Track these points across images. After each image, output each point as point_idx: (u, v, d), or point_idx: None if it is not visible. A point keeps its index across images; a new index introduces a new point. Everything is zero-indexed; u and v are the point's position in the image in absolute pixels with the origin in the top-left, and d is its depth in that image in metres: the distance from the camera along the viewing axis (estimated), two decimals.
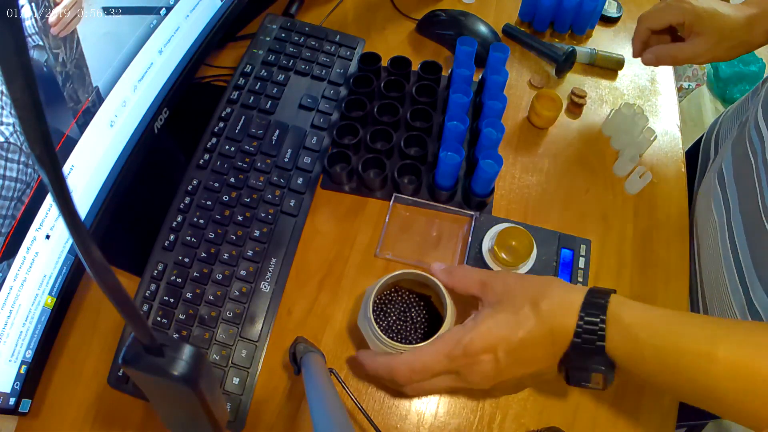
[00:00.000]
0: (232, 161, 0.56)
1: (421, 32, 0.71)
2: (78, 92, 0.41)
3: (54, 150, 0.15)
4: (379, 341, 0.44)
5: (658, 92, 0.68)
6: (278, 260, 0.52)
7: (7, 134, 0.36)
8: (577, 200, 0.59)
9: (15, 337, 0.42)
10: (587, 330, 0.37)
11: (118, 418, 0.47)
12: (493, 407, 0.49)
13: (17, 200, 0.38)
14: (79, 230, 0.17)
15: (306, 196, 0.56)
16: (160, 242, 0.52)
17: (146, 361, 0.23)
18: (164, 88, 0.53)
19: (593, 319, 0.37)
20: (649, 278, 0.55)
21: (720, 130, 0.69)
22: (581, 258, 0.54)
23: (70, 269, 0.47)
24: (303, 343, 0.45)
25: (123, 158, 0.50)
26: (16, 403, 0.43)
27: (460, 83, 0.57)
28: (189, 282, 0.50)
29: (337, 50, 0.65)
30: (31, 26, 0.35)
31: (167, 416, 0.29)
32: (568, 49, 0.66)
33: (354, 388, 0.49)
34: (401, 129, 0.60)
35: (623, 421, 0.49)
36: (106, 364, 0.48)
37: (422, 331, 0.48)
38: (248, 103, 0.60)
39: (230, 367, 0.48)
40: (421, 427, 0.48)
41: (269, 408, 0.48)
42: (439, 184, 0.56)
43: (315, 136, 0.59)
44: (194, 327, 0.49)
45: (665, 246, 0.57)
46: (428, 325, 0.48)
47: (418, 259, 0.54)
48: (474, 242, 0.54)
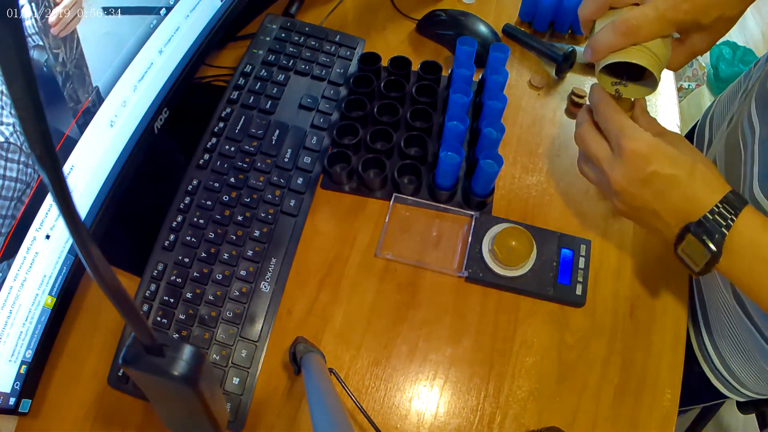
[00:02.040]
0: (232, 161, 0.56)
1: (421, 32, 0.71)
2: (78, 92, 0.41)
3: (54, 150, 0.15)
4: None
5: (658, 92, 0.68)
6: (278, 260, 0.52)
7: (7, 134, 0.36)
8: (577, 200, 0.59)
9: (15, 337, 0.42)
10: (721, 214, 0.40)
11: (118, 418, 0.47)
12: (493, 407, 0.49)
13: (17, 200, 0.38)
14: (79, 230, 0.17)
15: (306, 196, 0.56)
16: (160, 242, 0.52)
17: (146, 361, 0.23)
18: (164, 88, 0.53)
19: (729, 209, 0.40)
20: (649, 278, 0.55)
21: (714, 114, 0.69)
22: (581, 258, 0.54)
23: (70, 269, 0.47)
24: (303, 343, 0.45)
25: (123, 158, 0.50)
26: (16, 403, 0.43)
27: (460, 83, 0.57)
28: (189, 282, 0.50)
29: (337, 50, 0.65)
30: (31, 26, 0.35)
31: (167, 416, 0.29)
32: (568, 49, 0.66)
33: (354, 388, 0.49)
34: (401, 129, 0.60)
35: (623, 421, 0.49)
36: (106, 364, 0.48)
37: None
38: (248, 103, 0.60)
39: (230, 367, 0.48)
40: (421, 427, 0.48)
41: (269, 408, 0.48)
42: (439, 184, 0.56)
43: (315, 136, 0.59)
44: (194, 327, 0.49)
45: (665, 246, 0.57)
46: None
47: (418, 259, 0.54)
48: (474, 242, 0.54)
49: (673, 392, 0.50)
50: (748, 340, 0.54)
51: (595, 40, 0.41)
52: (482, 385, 0.49)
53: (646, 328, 0.52)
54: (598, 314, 0.53)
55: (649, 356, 0.51)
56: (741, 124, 0.55)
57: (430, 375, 0.50)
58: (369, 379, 0.49)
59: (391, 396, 0.49)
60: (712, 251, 0.40)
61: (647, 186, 0.42)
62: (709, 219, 0.40)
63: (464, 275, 0.53)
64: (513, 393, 0.49)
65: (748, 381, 0.58)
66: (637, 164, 0.41)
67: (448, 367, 0.50)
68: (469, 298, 0.53)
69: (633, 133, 0.42)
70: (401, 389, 0.49)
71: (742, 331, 0.54)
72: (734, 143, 0.55)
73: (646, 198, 0.42)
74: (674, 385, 0.50)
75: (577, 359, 0.51)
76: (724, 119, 0.64)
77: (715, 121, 0.68)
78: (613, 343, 0.52)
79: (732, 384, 0.60)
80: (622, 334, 0.52)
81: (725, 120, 0.63)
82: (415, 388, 0.49)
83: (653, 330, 0.52)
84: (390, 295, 0.53)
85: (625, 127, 0.42)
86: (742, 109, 0.56)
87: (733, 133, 0.57)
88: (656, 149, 0.41)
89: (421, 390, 0.49)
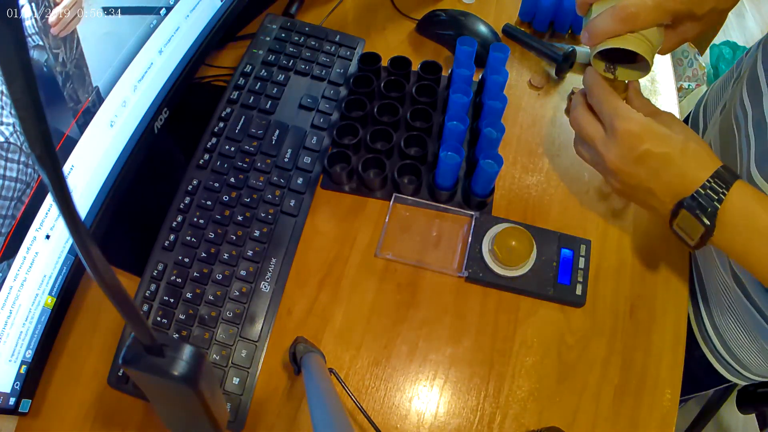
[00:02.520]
0: (232, 161, 0.56)
1: (421, 32, 0.71)
2: (78, 92, 0.41)
3: (54, 150, 0.15)
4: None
5: (658, 92, 0.69)
6: (278, 260, 0.52)
7: (7, 134, 0.36)
8: (577, 200, 0.59)
9: (15, 337, 0.42)
10: (713, 188, 0.41)
11: (118, 418, 0.47)
12: (493, 407, 0.49)
13: (17, 200, 0.38)
14: (79, 230, 0.17)
15: (306, 196, 0.56)
16: (160, 242, 0.52)
17: (146, 361, 0.23)
18: (164, 88, 0.53)
19: (721, 183, 0.41)
20: (649, 278, 0.55)
21: (708, 102, 0.70)
22: (581, 258, 0.54)
23: (70, 269, 0.47)
24: (303, 343, 0.45)
25: (123, 158, 0.50)
26: (16, 403, 0.43)
27: (460, 83, 0.57)
28: (189, 282, 0.50)
29: (337, 50, 0.65)
30: (31, 26, 0.35)
31: (167, 416, 0.29)
32: (568, 49, 0.65)
33: (354, 388, 0.49)
34: (401, 129, 0.60)
35: (623, 421, 0.49)
36: (106, 364, 0.48)
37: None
38: (248, 103, 0.60)
39: (230, 367, 0.48)
40: (421, 427, 0.48)
41: (269, 408, 0.48)
42: (439, 184, 0.56)
43: (315, 136, 0.59)
44: (194, 327, 0.49)
45: (665, 246, 0.57)
46: None
47: (418, 259, 0.54)
48: (474, 242, 0.54)
49: (673, 392, 0.50)
50: (748, 321, 0.54)
51: (594, 25, 0.42)
52: (482, 385, 0.49)
53: (646, 328, 0.52)
54: (598, 314, 0.53)
55: (649, 356, 0.51)
56: (734, 108, 0.56)
57: (430, 375, 0.50)
58: (369, 379, 0.49)
59: (391, 396, 0.49)
60: (705, 225, 0.41)
61: (641, 164, 0.43)
62: (702, 194, 0.41)
63: (464, 275, 0.53)
64: (513, 393, 0.49)
65: (750, 362, 0.58)
66: (631, 144, 0.42)
67: (448, 367, 0.50)
68: (469, 298, 0.53)
69: (626, 113, 0.43)
70: (401, 389, 0.49)
71: (742, 311, 0.54)
72: (728, 128, 0.56)
73: (640, 176, 0.43)
74: (674, 385, 0.50)
75: (577, 359, 0.51)
76: (716, 107, 0.65)
77: (708, 109, 0.69)
78: (613, 343, 0.52)
79: (734, 367, 0.60)
80: (622, 334, 0.52)
81: (718, 107, 0.64)
82: (415, 388, 0.49)
83: (653, 330, 0.52)
84: (390, 295, 0.53)
85: (618, 108, 0.43)
86: (734, 93, 0.57)
87: (726, 118, 0.57)
88: (648, 129, 0.42)
89: (421, 390, 0.49)
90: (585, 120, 0.46)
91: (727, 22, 1.91)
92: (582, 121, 0.47)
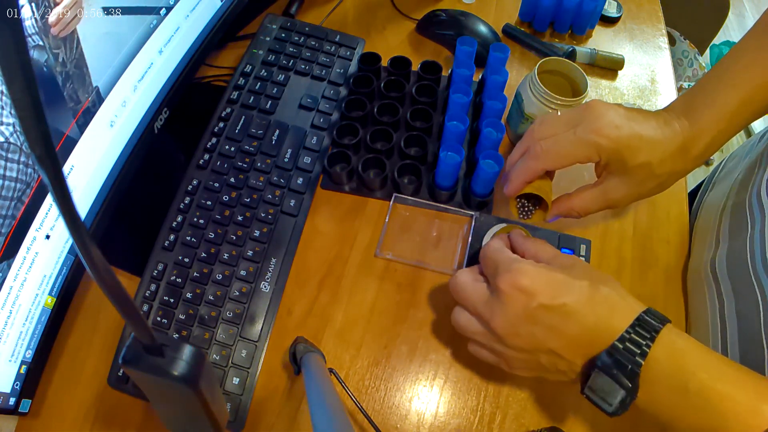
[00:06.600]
0: (232, 161, 0.56)
1: (421, 32, 0.71)
2: (78, 92, 0.41)
3: (54, 150, 0.15)
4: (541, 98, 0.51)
5: (658, 92, 0.69)
6: (278, 260, 0.52)
7: (7, 134, 0.36)
8: None
9: (15, 337, 0.42)
10: (633, 340, 0.34)
11: (118, 418, 0.47)
12: (493, 407, 0.49)
13: (17, 200, 0.38)
14: (79, 230, 0.17)
15: (306, 196, 0.56)
16: (160, 242, 0.52)
17: (146, 361, 0.23)
18: (164, 88, 0.53)
19: (644, 333, 0.35)
20: (649, 278, 0.55)
21: None
22: (581, 258, 0.54)
23: (70, 269, 0.47)
24: (303, 343, 0.45)
25: (123, 158, 0.50)
26: (16, 403, 0.43)
27: (460, 83, 0.57)
28: (189, 282, 0.50)
29: (337, 50, 0.65)
30: (31, 26, 0.35)
31: (167, 416, 0.29)
32: (568, 49, 0.66)
33: (354, 388, 0.49)
34: (401, 129, 0.60)
35: (623, 421, 0.49)
36: (106, 364, 0.48)
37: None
38: (248, 103, 0.60)
39: (230, 367, 0.48)
40: (421, 427, 0.48)
41: (269, 408, 0.48)
42: (439, 184, 0.56)
43: (315, 136, 0.59)
44: (194, 327, 0.49)
45: (665, 246, 0.57)
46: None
47: (418, 259, 0.54)
48: (474, 242, 0.54)
49: None
50: None
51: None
52: (482, 385, 0.49)
53: None
54: None
55: None
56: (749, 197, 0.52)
57: (430, 375, 0.50)
58: (369, 379, 0.49)
59: (391, 396, 0.49)
60: (626, 387, 0.35)
61: (535, 323, 0.36)
62: (619, 348, 0.35)
63: None
64: (513, 393, 0.49)
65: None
66: (520, 300, 0.36)
67: (448, 367, 0.50)
68: None
69: (509, 266, 0.37)
70: (401, 389, 0.49)
71: None
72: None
73: (537, 337, 0.37)
74: None
75: None
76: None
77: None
78: None
79: None
80: None
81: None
82: (415, 388, 0.49)
83: None
84: (390, 295, 0.53)
85: (499, 262, 0.38)
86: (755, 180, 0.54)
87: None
88: (538, 279, 0.37)
89: (421, 390, 0.49)
90: (463, 284, 0.41)
91: (727, 22, 1.92)
92: (459, 287, 0.41)
